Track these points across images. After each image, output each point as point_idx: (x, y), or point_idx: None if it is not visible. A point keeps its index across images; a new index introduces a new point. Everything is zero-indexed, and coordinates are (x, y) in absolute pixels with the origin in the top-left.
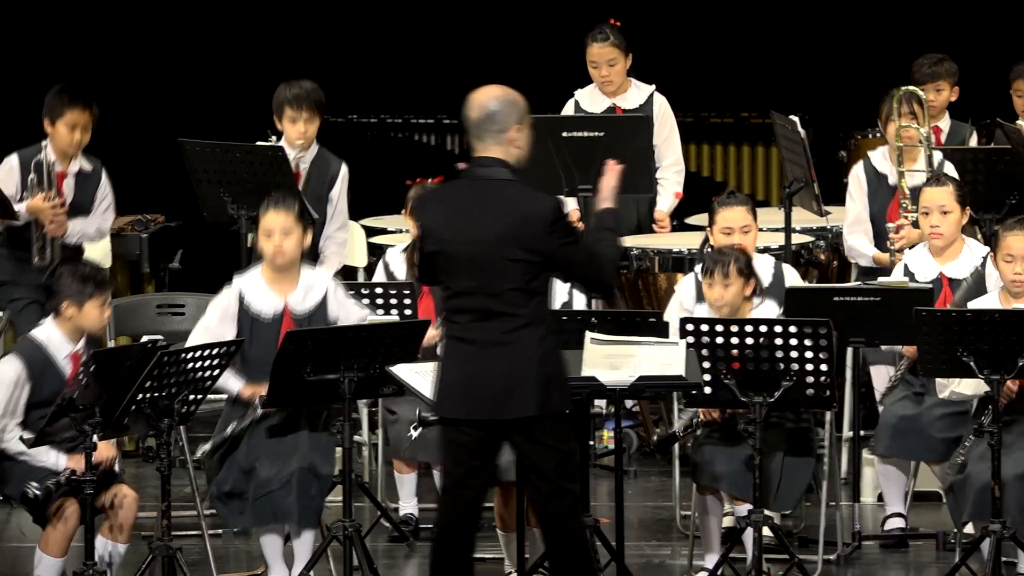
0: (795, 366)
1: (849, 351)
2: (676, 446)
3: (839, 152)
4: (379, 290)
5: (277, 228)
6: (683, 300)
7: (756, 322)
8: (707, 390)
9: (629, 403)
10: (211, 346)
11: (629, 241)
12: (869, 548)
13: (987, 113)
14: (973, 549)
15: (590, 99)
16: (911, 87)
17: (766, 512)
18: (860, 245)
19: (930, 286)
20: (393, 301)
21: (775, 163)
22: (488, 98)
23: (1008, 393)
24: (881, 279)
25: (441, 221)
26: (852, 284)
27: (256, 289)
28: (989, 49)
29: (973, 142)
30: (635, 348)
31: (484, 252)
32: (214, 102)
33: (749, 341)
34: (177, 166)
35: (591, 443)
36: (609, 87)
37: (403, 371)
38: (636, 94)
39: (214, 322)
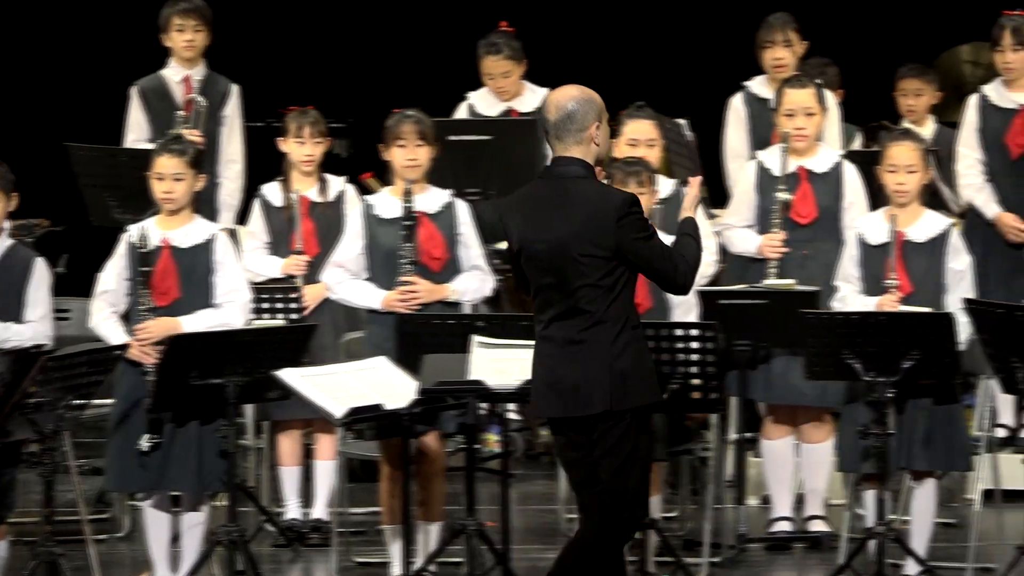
0: (681, 368)
1: (734, 354)
2: None
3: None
4: (264, 294)
5: (168, 173)
6: None
7: (643, 325)
8: None
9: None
10: (96, 351)
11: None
12: (754, 550)
13: (873, 116)
14: (858, 551)
15: (484, 102)
16: (786, 13)
17: (651, 515)
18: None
19: (817, 288)
20: (279, 305)
21: (663, 166)
22: (567, 98)
23: None
24: (768, 281)
25: (520, 221)
26: (739, 287)
27: (144, 227)
28: (873, 52)
29: (858, 144)
30: (522, 351)
31: (559, 250)
32: (100, 106)
33: None
34: (63, 170)
35: (476, 447)
36: (505, 96)
37: (290, 375)
38: (531, 98)
39: (112, 284)
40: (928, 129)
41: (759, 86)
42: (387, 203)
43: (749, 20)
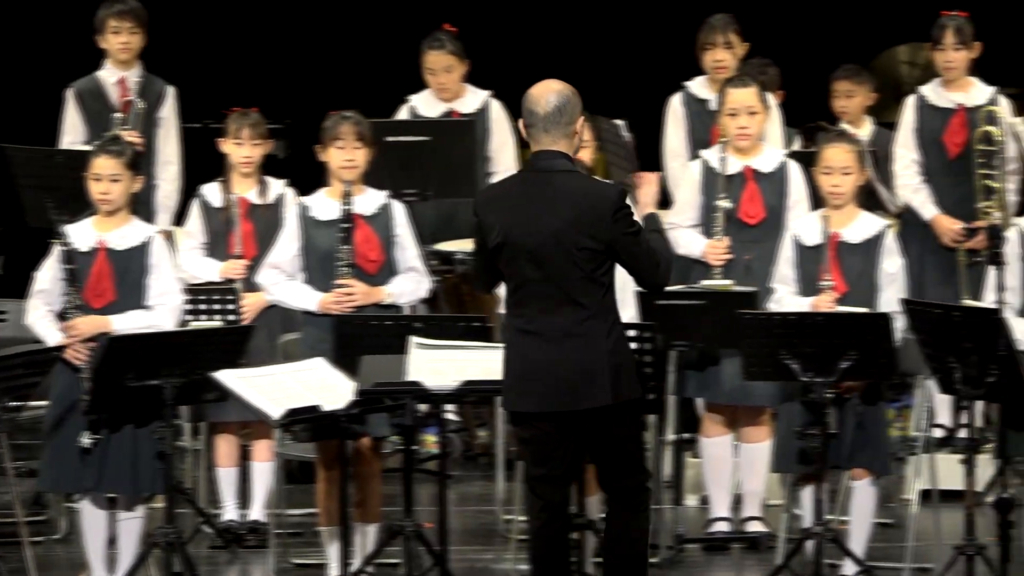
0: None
1: (672, 354)
2: (499, 449)
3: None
4: (202, 296)
5: (105, 174)
6: None
7: None
8: None
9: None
10: (32, 352)
11: (452, 246)
12: (692, 551)
13: (813, 117)
14: (795, 551)
15: (425, 104)
16: (727, 15)
17: (589, 516)
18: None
19: (754, 289)
20: (216, 306)
21: (601, 166)
22: (555, 92)
23: None
24: (706, 282)
25: (505, 214)
26: (677, 287)
27: (81, 228)
28: (812, 53)
29: (797, 146)
30: (460, 352)
31: (550, 242)
32: (37, 107)
33: None
34: None
35: (414, 448)
36: (446, 94)
37: (227, 377)
38: (473, 99)
39: (47, 283)
40: (865, 130)
41: (699, 87)
42: (324, 205)
43: (689, 21)
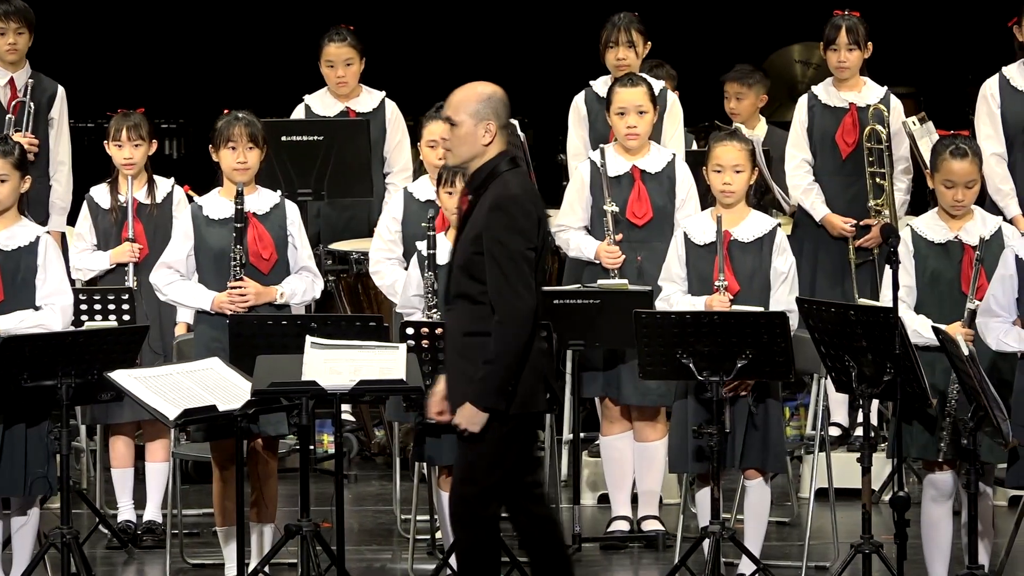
0: None
1: (569, 354)
2: (397, 448)
3: (558, 155)
4: (97, 296)
5: None
6: (394, 215)
7: None
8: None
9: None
10: None
11: (349, 246)
12: (589, 550)
13: (706, 117)
14: (693, 550)
15: (321, 103)
16: (630, 14)
17: None
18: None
19: (649, 288)
20: (112, 307)
21: None
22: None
23: None
24: (601, 282)
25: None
26: (572, 287)
27: None
28: (705, 52)
29: (692, 146)
30: (356, 352)
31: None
32: None
33: None
34: None
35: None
36: (344, 88)
37: (122, 377)
38: (368, 99)
39: None
40: (760, 130)
41: (602, 85)
42: (217, 204)
43: (592, 20)
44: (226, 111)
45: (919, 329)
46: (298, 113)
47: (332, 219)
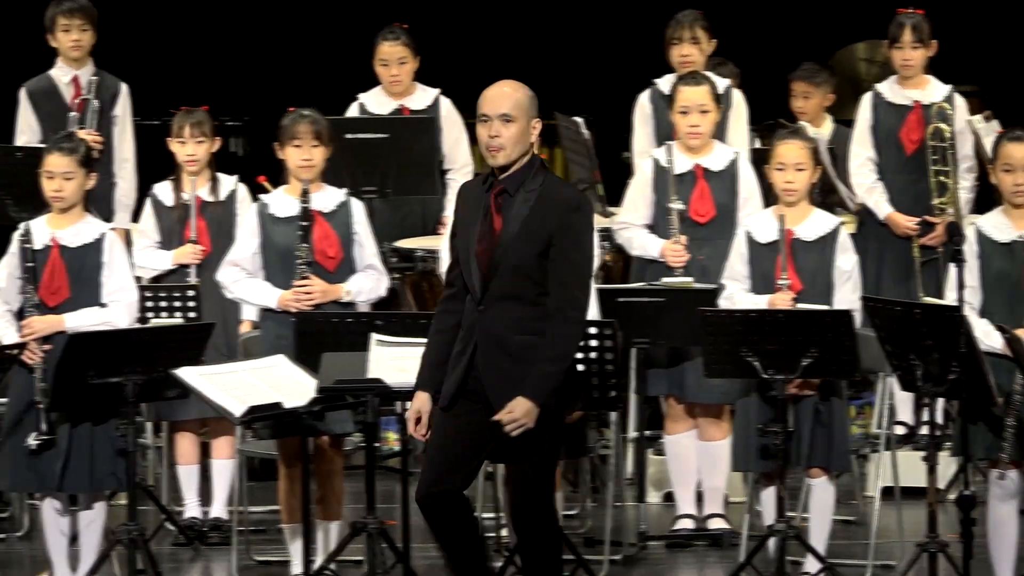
0: (580, 367)
1: (633, 352)
2: None
3: (623, 153)
4: (163, 292)
5: (58, 171)
6: None
7: None
8: None
9: None
10: None
11: (414, 243)
12: (655, 548)
13: (771, 115)
14: (758, 548)
15: (376, 101)
16: (694, 11)
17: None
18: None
19: (714, 286)
20: (177, 304)
21: (560, 164)
22: None
23: None
24: (665, 279)
25: None
26: (637, 285)
27: (35, 225)
28: (770, 50)
29: (756, 143)
30: (421, 349)
31: None
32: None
33: None
34: None
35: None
36: (398, 87)
37: (188, 374)
38: (423, 96)
39: (3, 282)
40: (826, 128)
41: (667, 84)
42: (282, 202)
43: (657, 17)
44: (291, 109)
45: (981, 337)
46: (352, 111)
47: (386, 216)
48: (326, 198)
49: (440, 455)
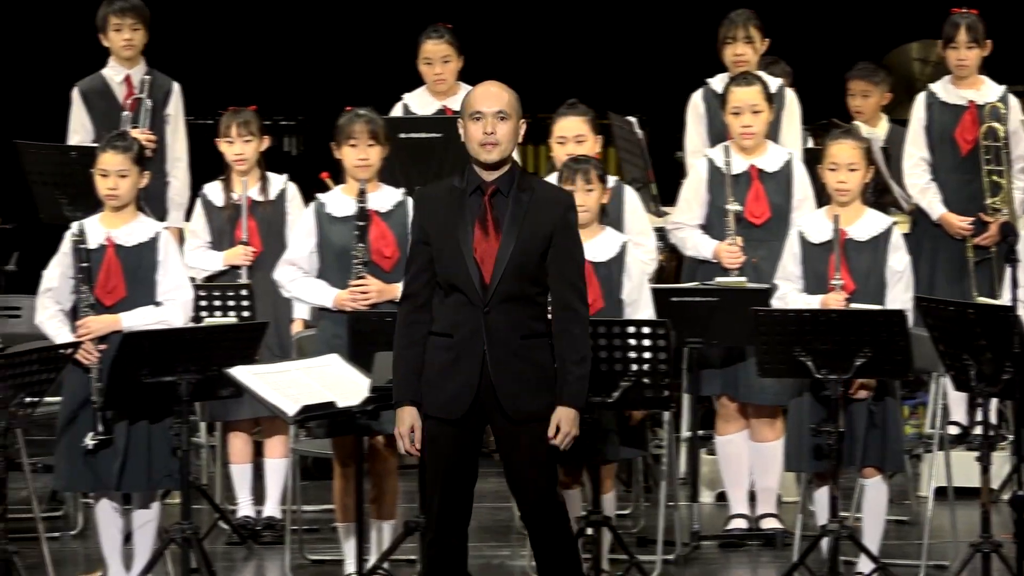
0: (633, 366)
1: (686, 351)
2: None
3: (676, 153)
4: (216, 292)
5: (112, 169)
6: None
7: (595, 322)
8: None
9: None
10: (47, 349)
11: None
12: (708, 548)
13: (823, 114)
14: (811, 548)
15: (419, 102)
16: (748, 10)
17: (604, 513)
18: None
19: (767, 286)
20: (231, 303)
21: (613, 163)
22: None
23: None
24: (719, 279)
25: None
26: (690, 285)
27: (89, 225)
28: (823, 50)
29: (809, 143)
30: None
31: None
32: (50, 103)
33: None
34: (12, 168)
35: None
36: (442, 85)
37: (241, 373)
38: None
39: (56, 281)
40: (881, 128)
41: (720, 83)
42: (339, 201)
43: (709, 16)
44: (347, 108)
45: None
46: (396, 111)
47: None
48: (383, 198)
49: (452, 489)
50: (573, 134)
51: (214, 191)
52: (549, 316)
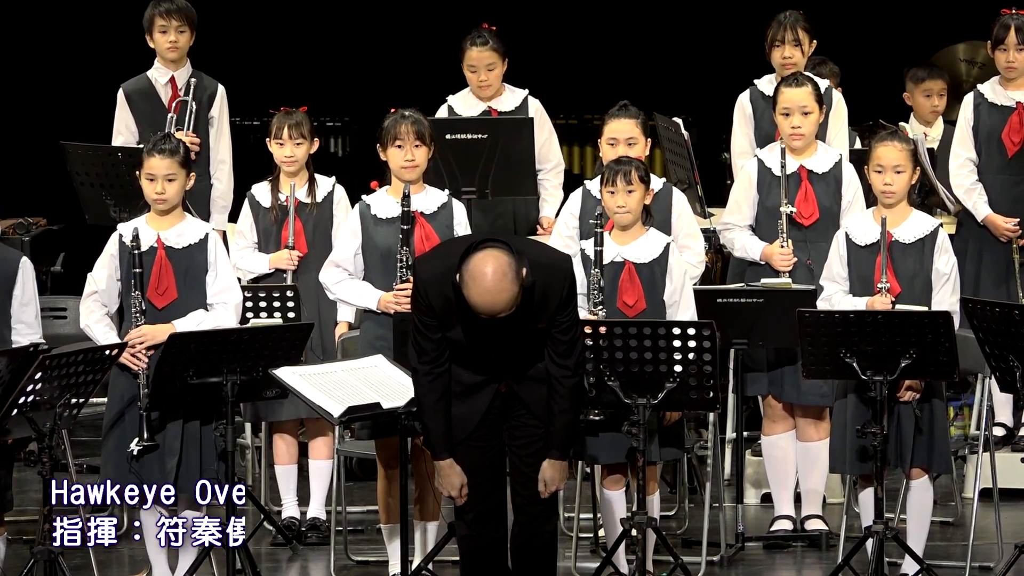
0: (678, 368)
1: (732, 353)
2: None
3: (722, 154)
4: (262, 293)
5: (160, 173)
6: (572, 211)
7: (640, 324)
8: (591, 392)
9: None
10: (92, 350)
11: None
12: (752, 549)
13: (869, 116)
14: (856, 549)
15: (464, 103)
16: (796, 12)
17: (649, 513)
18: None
19: (812, 287)
20: (276, 304)
21: (659, 165)
22: None
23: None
24: (764, 280)
25: None
26: (735, 286)
27: (137, 226)
28: (868, 51)
29: (856, 144)
30: None
31: None
32: (96, 104)
33: (633, 343)
34: (59, 169)
35: None
36: (487, 92)
37: (287, 374)
38: (511, 98)
39: (103, 284)
40: (937, 129)
41: (768, 84)
42: (385, 203)
43: (757, 17)
44: (393, 109)
45: None
46: (441, 113)
47: (479, 219)
48: (428, 199)
49: (483, 483)
50: (625, 136)
51: (262, 192)
52: None
